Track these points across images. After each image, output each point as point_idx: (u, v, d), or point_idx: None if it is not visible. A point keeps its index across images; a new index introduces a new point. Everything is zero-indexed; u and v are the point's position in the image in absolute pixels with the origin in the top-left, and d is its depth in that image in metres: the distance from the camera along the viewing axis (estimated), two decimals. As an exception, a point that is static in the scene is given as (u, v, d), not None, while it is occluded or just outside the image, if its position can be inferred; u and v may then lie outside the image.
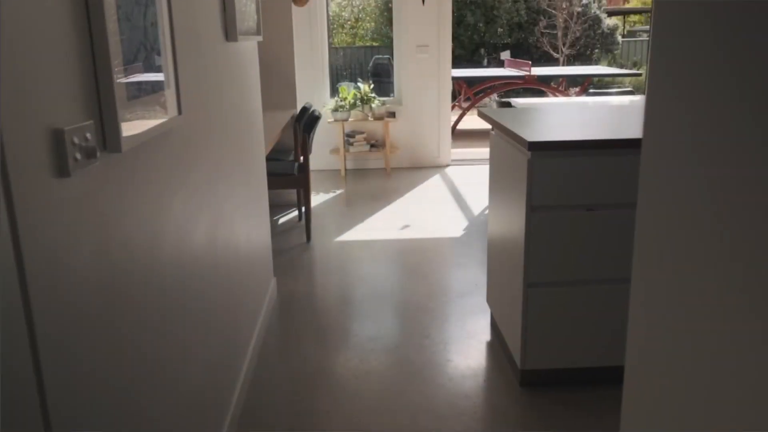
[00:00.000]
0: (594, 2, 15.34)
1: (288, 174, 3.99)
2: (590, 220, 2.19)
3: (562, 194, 2.16)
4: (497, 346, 2.70)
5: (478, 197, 5.13)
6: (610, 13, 16.87)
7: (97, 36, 1.07)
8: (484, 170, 6.32)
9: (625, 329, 2.28)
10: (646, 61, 16.34)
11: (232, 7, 2.22)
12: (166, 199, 1.48)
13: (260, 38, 2.83)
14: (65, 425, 0.97)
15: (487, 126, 2.67)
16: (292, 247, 4.01)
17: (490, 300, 2.84)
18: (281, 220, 4.62)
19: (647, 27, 18.62)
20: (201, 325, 1.80)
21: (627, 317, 2.29)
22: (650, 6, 19.90)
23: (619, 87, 14.47)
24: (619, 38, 15.95)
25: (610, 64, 15.42)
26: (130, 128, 1.17)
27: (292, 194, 4.94)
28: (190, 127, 1.70)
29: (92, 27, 1.07)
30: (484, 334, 2.82)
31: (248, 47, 2.71)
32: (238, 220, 2.40)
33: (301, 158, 4.15)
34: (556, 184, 2.15)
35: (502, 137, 2.50)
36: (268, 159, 4.24)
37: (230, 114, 2.30)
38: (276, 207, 4.91)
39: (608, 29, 15.71)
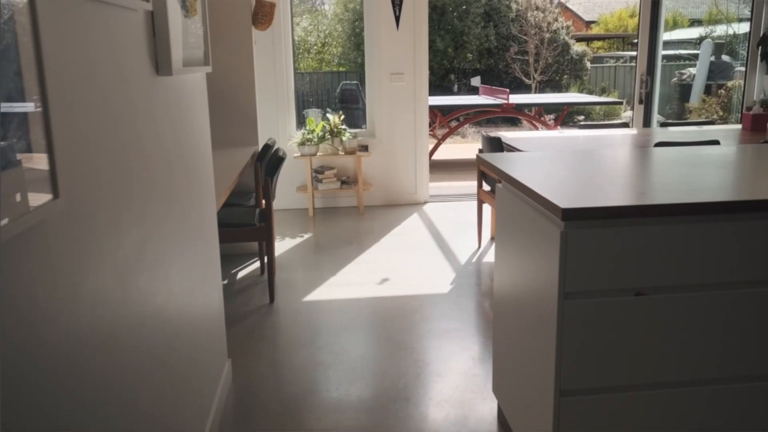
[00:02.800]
0: (562, 29, 15.22)
1: (247, 224, 3.40)
2: (641, 307, 1.67)
3: (606, 275, 1.64)
4: (511, 454, 2.14)
5: (463, 240, 4.61)
6: (577, 39, 16.82)
7: None
8: (465, 207, 5.85)
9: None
10: (614, 86, 16.30)
11: (165, 33, 1.67)
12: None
13: (209, 69, 2.28)
14: None
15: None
16: (253, 310, 3.40)
17: (498, 390, 2.29)
18: (240, 274, 4.02)
19: (612, 53, 18.66)
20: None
21: (698, 428, 1.77)
22: (614, 33, 20.05)
23: (588, 117, 14.28)
24: (588, 64, 15.85)
25: (579, 90, 15.27)
26: None
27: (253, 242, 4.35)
28: (82, 210, 1.12)
29: None
30: (492, 433, 2.27)
31: (193, 80, 2.15)
32: (177, 304, 1.82)
33: (264, 204, 3.57)
34: (599, 262, 1.63)
35: (516, 195, 1.98)
36: (225, 204, 3.66)
37: (163, 168, 1.73)
38: (234, 257, 4.31)
39: (577, 55, 15.59)
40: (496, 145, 3.86)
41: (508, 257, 2.09)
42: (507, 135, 4.18)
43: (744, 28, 12.16)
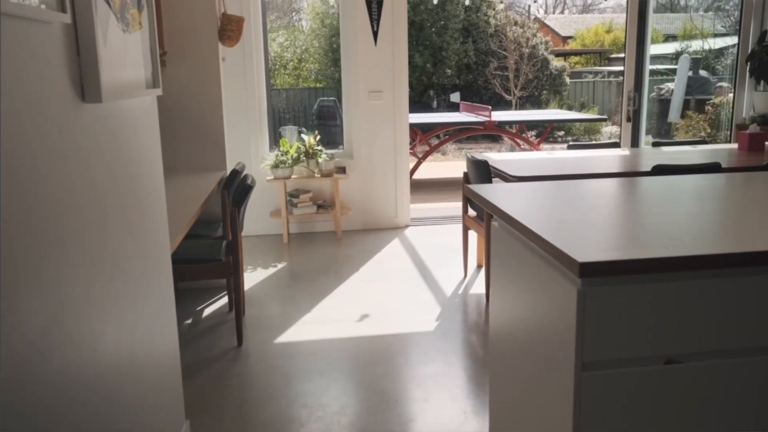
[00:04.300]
0: (541, 44, 15.16)
1: (213, 260, 3.08)
2: (673, 377, 1.39)
3: (631, 342, 1.36)
4: None
5: (447, 269, 4.32)
6: (555, 55, 16.79)
7: None
8: (448, 230, 5.56)
9: None
10: (593, 101, 16.26)
11: (92, 52, 1.36)
12: None
13: (158, 92, 1.97)
14: None
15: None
16: (218, 355, 3.07)
17: (496, 458, 1.99)
18: (207, 311, 3.68)
19: (590, 68, 18.69)
20: None
21: None
22: (590, 47, 20.12)
23: (568, 132, 14.18)
24: (567, 79, 15.79)
25: (559, 106, 15.18)
26: None
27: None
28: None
29: None
30: None
31: (138, 106, 1.84)
32: (116, 373, 1.50)
33: (230, 236, 3.24)
34: (623, 326, 1.35)
35: (516, 237, 1.70)
36: (189, 236, 3.34)
37: (93, 215, 1.42)
38: (200, 292, 3.97)
39: (556, 71, 15.53)
40: (482, 169, 3.59)
41: (508, 310, 1.80)
42: (494, 157, 3.92)
43: (719, 43, 12.17)
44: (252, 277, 4.23)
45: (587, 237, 1.49)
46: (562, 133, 14.28)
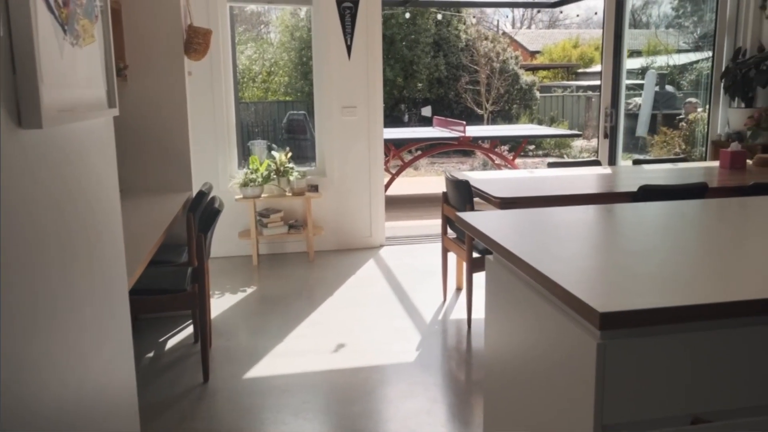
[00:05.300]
0: (512, 59, 15.22)
1: (176, 290, 2.85)
2: (700, 440, 1.23)
3: (656, 399, 1.20)
4: None
5: (425, 292, 4.15)
6: (525, 69, 16.91)
7: None
8: (424, 250, 5.39)
9: None
10: (562, 116, 16.38)
11: (31, 69, 1.16)
12: None
13: (115, 112, 1.76)
14: None
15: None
16: (182, 394, 2.83)
17: None
18: (170, 342, 3.43)
19: (558, 83, 18.88)
20: None
21: None
22: (558, 62, 20.34)
23: (539, 146, 14.21)
24: (537, 94, 15.88)
25: (530, 120, 15.24)
26: None
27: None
28: None
29: None
30: None
31: (89, 129, 1.63)
32: (66, 420, 1.28)
33: (196, 262, 3.02)
34: (647, 383, 1.19)
35: (518, 277, 1.53)
36: (152, 262, 3.10)
37: (34, 259, 1.21)
38: (163, 321, 3.72)
39: (526, 85, 15.61)
40: (463, 189, 3.44)
41: (508, 358, 1.63)
42: (474, 176, 3.77)
43: (683, 59, 12.36)
44: (219, 304, 3.99)
45: (600, 279, 1.33)
46: (533, 147, 14.32)
